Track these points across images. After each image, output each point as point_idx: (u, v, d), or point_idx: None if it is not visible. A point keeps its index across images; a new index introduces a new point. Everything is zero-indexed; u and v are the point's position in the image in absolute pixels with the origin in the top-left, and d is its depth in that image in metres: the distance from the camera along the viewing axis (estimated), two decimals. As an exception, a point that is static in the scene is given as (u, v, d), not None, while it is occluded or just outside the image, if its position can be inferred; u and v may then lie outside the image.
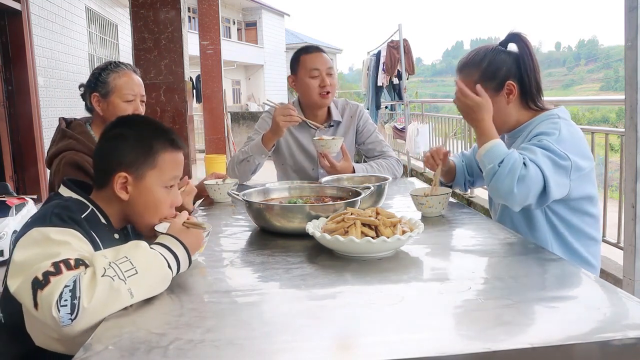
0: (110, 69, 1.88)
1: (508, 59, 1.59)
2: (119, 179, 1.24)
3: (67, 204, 1.20)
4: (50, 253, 1.02)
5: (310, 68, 2.28)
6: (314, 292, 1.07)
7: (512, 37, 1.62)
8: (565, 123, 1.51)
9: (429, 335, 0.86)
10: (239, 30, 26.62)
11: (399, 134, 7.92)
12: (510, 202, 1.41)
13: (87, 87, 1.90)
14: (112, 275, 0.98)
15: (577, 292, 1.05)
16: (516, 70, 1.58)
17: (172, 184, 1.30)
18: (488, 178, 1.42)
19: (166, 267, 1.08)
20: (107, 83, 1.85)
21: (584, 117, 22.54)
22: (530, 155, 1.40)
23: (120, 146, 1.26)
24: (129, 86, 1.87)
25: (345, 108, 2.47)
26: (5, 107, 5.25)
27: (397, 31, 7.51)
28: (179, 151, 1.32)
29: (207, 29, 7.40)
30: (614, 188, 4.28)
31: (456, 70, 1.67)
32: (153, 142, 1.27)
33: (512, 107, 1.60)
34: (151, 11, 3.25)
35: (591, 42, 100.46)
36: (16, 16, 5.18)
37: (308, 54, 2.33)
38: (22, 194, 4.65)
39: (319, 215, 1.41)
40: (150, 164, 1.26)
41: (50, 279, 0.97)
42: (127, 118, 1.39)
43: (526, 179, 1.35)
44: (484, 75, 1.58)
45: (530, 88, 1.59)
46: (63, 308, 0.93)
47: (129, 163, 1.25)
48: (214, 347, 0.83)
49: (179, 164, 1.32)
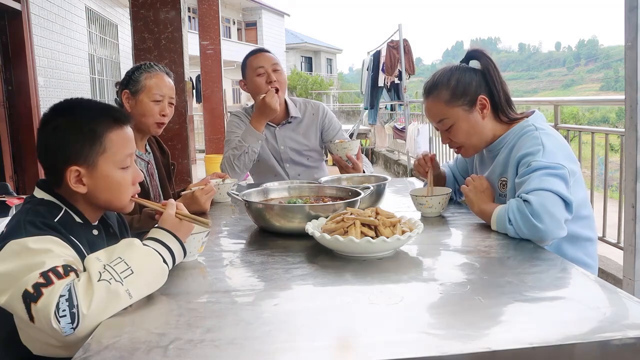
0: (144, 68, 1.93)
1: (474, 75, 1.59)
2: (72, 174, 1.15)
3: (38, 209, 1.14)
4: (34, 263, 0.98)
5: (255, 67, 2.35)
6: (313, 292, 1.07)
7: (474, 53, 1.61)
8: (544, 133, 1.49)
9: (429, 335, 0.86)
10: (239, 30, 26.62)
11: (399, 134, 7.93)
12: (548, 236, 1.32)
13: (120, 85, 1.95)
14: (108, 279, 0.97)
15: (577, 292, 1.05)
16: (485, 85, 1.58)
17: (128, 164, 1.22)
18: (517, 237, 1.37)
19: (161, 262, 1.08)
20: (138, 82, 1.90)
21: (584, 117, 22.53)
22: (526, 187, 1.37)
23: (60, 139, 1.16)
24: (159, 87, 1.91)
25: (306, 106, 2.55)
26: (5, 107, 5.25)
27: (397, 31, 7.51)
28: (125, 126, 1.22)
29: (207, 29, 7.39)
30: (614, 188, 4.28)
31: (423, 95, 1.65)
32: (94, 126, 1.17)
33: (487, 122, 1.59)
34: (151, 11, 3.24)
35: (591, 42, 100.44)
36: (16, 16, 5.18)
37: (252, 55, 2.41)
38: (22, 194, 4.64)
39: (319, 215, 1.41)
40: (99, 150, 1.17)
41: (42, 291, 0.94)
42: (59, 106, 1.23)
43: (536, 209, 1.30)
44: (454, 94, 1.57)
45: (500, 100, 1.58)
46: (63, 319, 0.92)
47: (76, 155, 1.16)
48: (214, 346, 0.83)
49: (129, 140, 1.23)
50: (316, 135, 2.51)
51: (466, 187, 1.56)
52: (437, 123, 1.63)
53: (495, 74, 1.58)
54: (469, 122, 1.58)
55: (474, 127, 1.58)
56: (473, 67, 1.61)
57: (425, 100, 1.64)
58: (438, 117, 1.61)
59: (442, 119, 1.60)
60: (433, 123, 1.67)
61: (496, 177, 1.59)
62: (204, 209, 1.77)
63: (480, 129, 1.59)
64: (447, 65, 1.64)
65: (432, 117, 1.64)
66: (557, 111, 3.73)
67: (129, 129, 1.24)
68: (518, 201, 1.35)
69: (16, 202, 4.18)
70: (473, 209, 1.54)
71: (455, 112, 1.58)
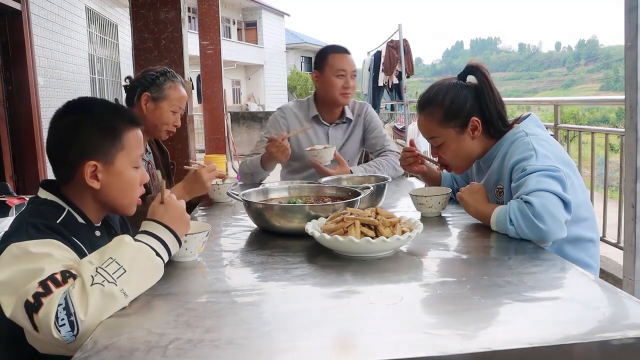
0: (169, 77, 1.98)
1: (469, 94, 1.59)
2: (89, 169, 1.17)
3: (41, 210, 1.15)
4: (33, 269, 0.98)
5: (337, 68, 2.34)
6: (313, 292, 1.07)
7: (471, 69, 1.61)
8: (534, 139, 1.49)
9: (429, 335, 0.86)
10: (239, 30, 26.62)
11: (399, 134, 7.92)
12: (550, 236, 1.32)
13: (138, 85, 1.96)
14: (101, 282, 0.96)
15: (577, 292, 1.05)
16: (479, 106, 1.58)
17: (139, 165, 1.26)
18: (517, 237, 1.36)
19: (154, 256, 1.07)
20: (162, 89, 1.95)
21: (584, 117, 22.52)
22: (524, 189, 1.36)
23: (80, 134, 1.18)
24: (179, 100, 1.99)
25: (354, 107, 2.54)
26: (5, 107, 5.25)
27: (397, 31, 7.52)
28: (139, 127, 1.27)
29: (207, 29, 7.39)
30: (614, 188, 4.28)
31: (417, 108, 1.67)
32: (115, 123, 1.21)
33: (476, 141, 1.61)
34: (151, 11, 3.24)
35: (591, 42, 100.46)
36: (16, 16, 5.18)
37: (336, 53, 2.38)
38: (22, 194, 4.64)
39: (319, 215, 1.41)
40: (118, 147, 1.20)
41: (42, 301, 0.94)
42: (75, 103, 1.26)
43: (538, 210, 1.30)
44: (447, 115, 1.58)
45: (492, 119, 1.58)
46: (63, 327, 0.92)
47: (96, 150, 1.18)
48: (214, 347, 0.83)
49: (141, 141, 1.28)
50: (360, 135, 2.52)
51: (460, 193, 1.57)
52: (429, 139, 1.66)
53: (488, 93, 1.57)
54: (458, 144, 1.60)
55: (462, 149, 1.61)
56: (469, 84, 1.61)
57: (419, 115, 1.66)
58: (429, 134, 1.64)
59: (433, 137, 1.63)
60: (425, 137, 1.69)
61: (492, 185, 1.60)
62: (206, 187, 1.80)
63: (468, 151, 1.62)
64: (444, 81, 1.64)
65: (424, 132, 1.67)
66: (557, 111, 3.73)
67: (141, 131, 1.28)
68: (519, 202, 1.35)
69: (16, 202, 4.17)
70: (469, 211, 1.54)
71: (446, 132, 1.60)
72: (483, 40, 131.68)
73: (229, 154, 8.20)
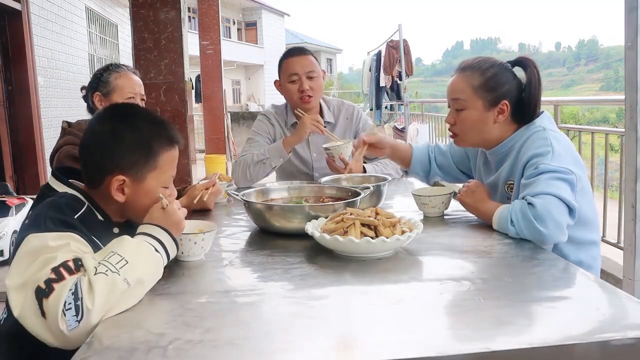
0: (112, 69, 1.95)
1: (512, 79, 1.56)
2: (116, 182, 1.17)
3: (60, 203, 1.14)
4: (47, 258, 0.99)
5: (288, 73, 2.23)
6: (313, 292, 1.07)
7: (525, 61, 1.57)
8: (553, 135, 1.48)
9: (429, 335, 0.86)
10: (239, 30, 26.62)
11: (399, 134, 7.92)
12: (550, 240, 1.33)
13: (89, 88, 1.96)
14: (104, 271, 0.97)
15: (577, 292, 1.05)
16: (515, 93, 1.55)
17: (169, 185, 1.25)
18: (517, 237, 1.36)
19: (153, 250, 1.08)
20: (108, 83, 1.92)
21: (584, 117, 22.50)
22: (531, 190, 1.36)
23: (116, 146, 1.18)
24: (130, 85, 1.93)
25: (340, 109, 2.41)
26: (5, 107, 5.25)
27: (397, 31, 7.52)
28: (176, 147, 1.26)
29: (207, 29, 7.38)
30: (614, 188, 4.28)
31: (457, 68, 1.62)
32: (153, 143, 1.20)
33: (497, 126, 1.57)
34: (151, 11, 3.24)
35: (591, 42, 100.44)
36: (16, 16, 5.18)
37: (288, 58, 2.27)
38: (22, 194, 4.64)
39: (319, 215, 1.41)
40: (151, 167, 1.20)
41: (54, 287, 0.94)
42: (119, 110, 1.26)
43: (540, 212, 1.30)
44: (484, 85, 1.54)
45: (526, 111, 1.56)
46: (68, 312, 0.92)
47: (128, 165, 1.18)
48: (213, 347, 0.83)
49: (175, 160, 1.27)
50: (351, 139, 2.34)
51: (460, 195, 1.56)
52: (452, 100, 1.60)
53: (536, 87, 1.54)
54: (480, 118, 1.56)
55: (480, 125, 1.57)
56: (514, 73, 1.58)
57: (456, 74, 1.60)
58: (457, 95, 1.58)
59: (458, 99, 1.58)
60: (448, 97, 1.63)
61: (502, 180, 1.58)
62: (209, 206, 1.80)
63: (485, 129, 1.57)
64: (492, 57, 1.61)
65: (451, 92, 1.61)
66: (557, 111, 3.73)
67: (177, 150, 1.26)
68: (522, 203, 1.35)
69: (16, 202, 4.18)
70: (471, 211, 1.54)
71: (474, 101, 1.55)
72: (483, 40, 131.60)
73: (229, 154, 8.20)
